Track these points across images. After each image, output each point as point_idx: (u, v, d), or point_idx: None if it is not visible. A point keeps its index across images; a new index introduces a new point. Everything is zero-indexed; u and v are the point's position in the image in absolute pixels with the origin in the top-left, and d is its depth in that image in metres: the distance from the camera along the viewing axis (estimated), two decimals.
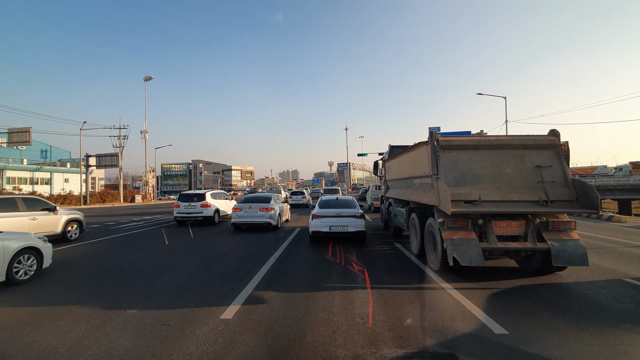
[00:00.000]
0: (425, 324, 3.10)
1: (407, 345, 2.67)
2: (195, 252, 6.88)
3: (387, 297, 3.84)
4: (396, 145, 10.38)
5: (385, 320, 3.14)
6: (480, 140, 4.98)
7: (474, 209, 4.45)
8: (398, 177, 7.97)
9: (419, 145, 5.66)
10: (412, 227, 6.62)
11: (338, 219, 7.41)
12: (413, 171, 6.33)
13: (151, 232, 10.25)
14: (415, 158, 6.06)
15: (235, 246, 7.62)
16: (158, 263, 5.88)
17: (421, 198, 5.76)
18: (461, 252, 4.35)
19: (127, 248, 7.54)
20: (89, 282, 4.78)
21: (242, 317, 3.26)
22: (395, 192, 8.42)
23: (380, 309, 3.45)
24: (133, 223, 13.05)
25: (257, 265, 5.48)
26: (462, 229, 4.60)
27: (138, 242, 8.32)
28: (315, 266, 5.44)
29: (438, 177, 4.76)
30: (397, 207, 8.15)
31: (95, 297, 3.97)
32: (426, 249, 5.50)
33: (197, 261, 6.02)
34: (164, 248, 7.41)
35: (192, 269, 5.36)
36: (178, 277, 4.85)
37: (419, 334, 2.88)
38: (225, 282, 4.55)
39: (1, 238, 4.51)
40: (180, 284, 4.49)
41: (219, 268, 5.44)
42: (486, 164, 4.85)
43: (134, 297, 3.90)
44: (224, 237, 8.89)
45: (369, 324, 3.06)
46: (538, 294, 4.03)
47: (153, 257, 6.39)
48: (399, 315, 3.28)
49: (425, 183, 5.62)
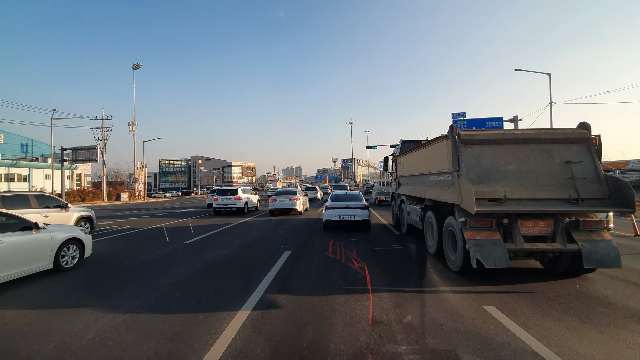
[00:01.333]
0: (458, 337, 3.02)
1: (408, 342, 2.73)
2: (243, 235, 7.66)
3: (402, 300, 3.76)
4: (408, 141, 10.24)
5: (410, 329, 3.07)
6: (504, 134, 4.84)
7: (499, 208, 4.34)
8: (412, 174, 7.86)
9: (438, 140, 5.53)
10: (427, 225, 6.52)
11: (347, 210, 9.23)
12: (429, 167, 6.21)
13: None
14: (433, 153, 5.93)
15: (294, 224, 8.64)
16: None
17: (439, 196, 5.65)
18: (485, 254, 4.25)
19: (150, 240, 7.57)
20: (108, 274, 5.16)
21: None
22: (408, 189, 8.31)
23: (401, 313, 3.38)
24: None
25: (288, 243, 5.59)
26: (486, 228, 4.49)
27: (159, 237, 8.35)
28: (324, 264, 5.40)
29: (459, 174, 4.64)
30: (410, 205, 8.04)
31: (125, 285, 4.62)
32: (445, 249, 5.41)
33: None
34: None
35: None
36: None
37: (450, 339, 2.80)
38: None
39: (50, 229, 5.09)
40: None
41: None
42: (511, 159, 4.71)
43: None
44: (260, 221, 11.35)
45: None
46: (585, 301, 3.92)
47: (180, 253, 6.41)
48: (424, 318, 3.21)
49: (443, 180, 5.51)
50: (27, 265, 4.64)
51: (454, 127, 4.91)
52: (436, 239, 5.83)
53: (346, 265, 5.46)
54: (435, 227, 5.87)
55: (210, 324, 3.16)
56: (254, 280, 4.60)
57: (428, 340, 2.81)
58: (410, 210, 7.98)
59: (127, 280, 4.83)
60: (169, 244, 7.67)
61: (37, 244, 4.80)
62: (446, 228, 5.36)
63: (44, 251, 4.88)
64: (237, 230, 10.11)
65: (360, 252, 6.41)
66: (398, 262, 5.82)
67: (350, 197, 9.95)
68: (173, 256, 6.42)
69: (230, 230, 9.95)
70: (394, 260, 5.94)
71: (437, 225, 5.78)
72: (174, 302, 3.84)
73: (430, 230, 6.45)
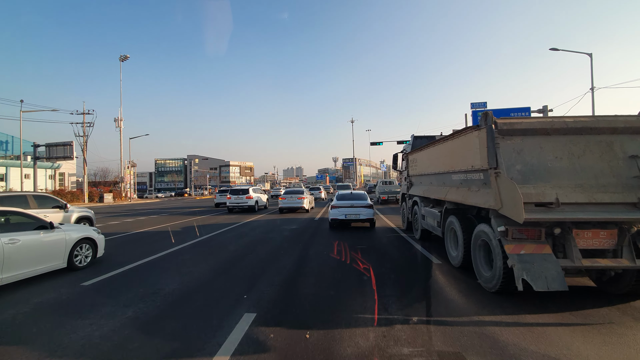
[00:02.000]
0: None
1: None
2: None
3: (428, 333, 2.93)
4: (421, 136, 9.39)
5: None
6: (552, 123, 3.99)
7: (550, 216, 3.50)
8: (427, 172, 7.02)
9: (466, 131, 4.68)
10: (449, 233, 5.69)
11: (352, 209, 9.75)
12: (452, 164, 5.37)
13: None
14: (458, 148, 5.09)
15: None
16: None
17: (465, 198, 4.82)
18: (534, 273, 3.42)
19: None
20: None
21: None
22: (423, 190, 7.48)
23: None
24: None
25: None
26: (533, 240, 3.66)
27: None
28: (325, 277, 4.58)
29: (498, 172, 3.80)
30: (426, 207, 7.21)
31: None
32: (475, 264, 4.56)
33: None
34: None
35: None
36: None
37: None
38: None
39: (64, 229, 5.30)
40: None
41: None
42: (562, 153, 3.87)
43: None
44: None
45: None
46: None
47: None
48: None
49: (472, 179, 4.67)
50: (42, 264, 4.81)
51: (488, 114, 4.07)
52: (462, 250, 4.99)
53: (353, 273, 4.62)
54: (460, 235, 5.03)
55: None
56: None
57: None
58: (426, 214, 7.15)
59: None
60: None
61: (52, 243, 4.98)
62: (476, 238, 4.51)
63: (58, 250, 5.08)
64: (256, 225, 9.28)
65: (369, 258, 5.57)
66: (415, 277, 4.99)
67: (356, 196, 10.49)
68: (211, 243, 5.59)
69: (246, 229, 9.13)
70: (410, 274, 5.11)
71: (464, 234, 4.94)
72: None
73: (452, 239, 5.62)
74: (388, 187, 22.52)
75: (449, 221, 5.60)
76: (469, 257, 4.86)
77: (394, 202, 21.65)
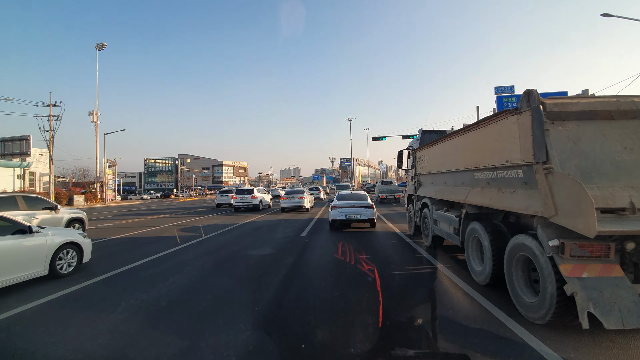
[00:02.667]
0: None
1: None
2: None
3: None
4: (430, 131, 8.57)
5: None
6: (618, 103, 3.14)
7: (626, 227, 2.65)
8: (441, 170, 6.16)
9: (499, 116, 3.81)
10: (471, 242, 4.83)
11: (353, 209, 9.73)
12: (477, 160, 4.51)
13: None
14: (485, 139, 4.23)
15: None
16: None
17: (496, 201, 3.97)
18: (604, 305, 2.58)
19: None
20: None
21: None
22: (434, 190, 6.63)
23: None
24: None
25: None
26: (599, 259, 2.81)
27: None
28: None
29: (550, 168, 2.95)
30: (438, 211, 6.36)
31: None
32: (511, 285, 3.69)
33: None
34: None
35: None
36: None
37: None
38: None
39: (45, 233, 5.02)
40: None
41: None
42: (633, 143, 3.03)
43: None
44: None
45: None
46: None
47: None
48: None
49: (506, 178, 3.81)
50: (20, 272, 4.52)
51: (533, 93, 3.21)
52: (490, 265, 4.13)
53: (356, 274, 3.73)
54: (488, 247, 4.17)
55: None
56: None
57: None
58: (439, 218, 6.29)
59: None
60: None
61: (31, 248, 4.72)
62: (513, 252, 3.64)
63: (38, 256, 4.80)
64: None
65: (374, 266, 4.69)
66: (430, 297, 4.11)
67: (356, 196, 10.48)
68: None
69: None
70: (425, 295, 4.23)
71: (493, 246, 4.08)
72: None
73: (475, 250, 4.77)
74: (387, 187, 24.14)
75: (471, 228, 4.74)
76: (499, 274, 4.02)
77: (393, 200, 22.83)
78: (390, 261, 6.00)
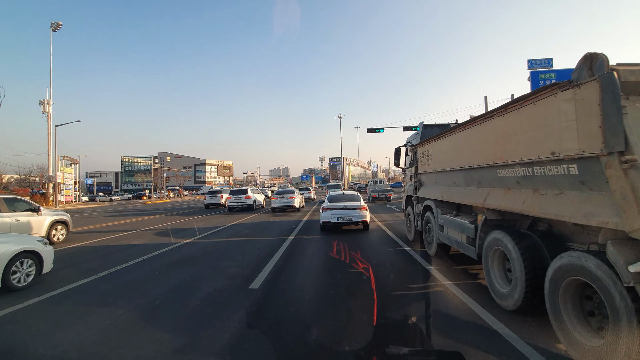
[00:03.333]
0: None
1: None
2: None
3: None
4: (433, 124, 7.85)
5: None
6: None
7: None
8: (450, 168, 5.35)
9: (543, 93, 2.95)
10: (492, 256, 4.01)
11: (345, 211, 9.39)
12: (503, 153, 3.67)
13: None
14: (518, 126, 3.38)
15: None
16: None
17: (534, 206, 3.17)
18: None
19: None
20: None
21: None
22: (441, 191, 5.83)
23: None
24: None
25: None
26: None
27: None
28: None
29: (631, 160, 2.13)
30: (446, 215, 5.56)
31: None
32: (556, 317, 2.85)
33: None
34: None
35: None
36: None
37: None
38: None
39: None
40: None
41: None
42: None
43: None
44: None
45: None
46: None
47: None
48: None
49: (548, 175, 2.99)
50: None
51: (598, 57, 2.38)
52: (521, 287, 3.31)
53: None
54: (519, 266, 3.33)
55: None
56: None
57: None
58: (447, 224, 5.48)
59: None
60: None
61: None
62: (562, 275, 2.79)
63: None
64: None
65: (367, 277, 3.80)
66: (442, 332, 3.23)
67: (348, 197, 10.13)
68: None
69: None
70: (436, 328, 3.36)
71: (527, 264, 3.25)
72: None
73: (498, 265, 3.96)
74: (379, 186, 26.28)
75: (493, 239, 3.91)
76: (533, 298, 3.21)
77: (384, 199, 24.28)
78: (387, 276, 5.14)
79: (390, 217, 13.49)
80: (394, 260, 6.28)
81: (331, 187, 28.07)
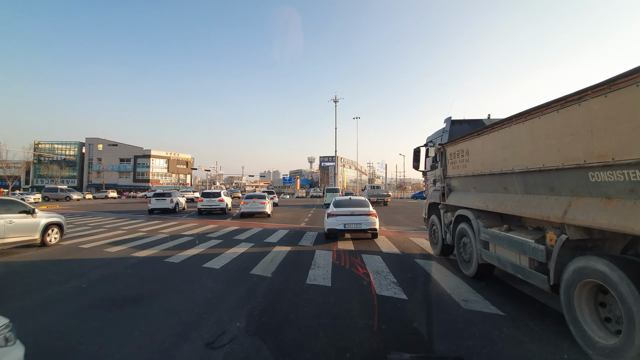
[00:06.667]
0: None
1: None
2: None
3: None
4: (462, 120, 7.39)
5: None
6: None
7: None
8: (500, 170, 4.86)
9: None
10: (579, 290, 3.43)
11: (352, 217, 9.62)
12: (602, 149, 3.11)
13: None
14: (632, 112, 2.77)
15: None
16: None
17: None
18: None
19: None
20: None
21: None
22: (484, 199, 5.39)
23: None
24: None
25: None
26: None
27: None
28: None
29: None
30: (493, 230, 5.06)
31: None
32: None
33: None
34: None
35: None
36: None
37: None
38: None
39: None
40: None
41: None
42: None
43: None
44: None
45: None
46: None
47: None
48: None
49: None
50: None
51: None
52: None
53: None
54: (637, 308, 2.69)
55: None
56: None
57: None
58: (496, 241, 4.95)
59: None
60: None
61: None
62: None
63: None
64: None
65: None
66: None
67: (355, 203, 10.65)
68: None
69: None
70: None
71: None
72: None
73: (589, 304, 3.37)
74: (376, 191, 31.24)
75: (580, 268, 3.34)
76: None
77: (382, 204, 29.62)
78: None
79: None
80: (418, 288, 5.48)
81: (330, 191, 29.30)
